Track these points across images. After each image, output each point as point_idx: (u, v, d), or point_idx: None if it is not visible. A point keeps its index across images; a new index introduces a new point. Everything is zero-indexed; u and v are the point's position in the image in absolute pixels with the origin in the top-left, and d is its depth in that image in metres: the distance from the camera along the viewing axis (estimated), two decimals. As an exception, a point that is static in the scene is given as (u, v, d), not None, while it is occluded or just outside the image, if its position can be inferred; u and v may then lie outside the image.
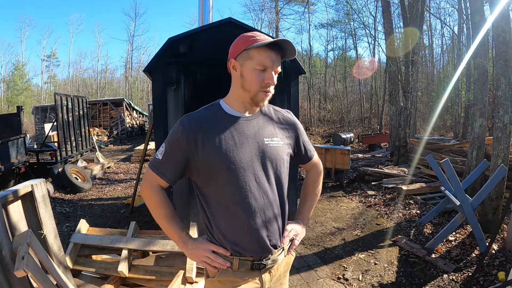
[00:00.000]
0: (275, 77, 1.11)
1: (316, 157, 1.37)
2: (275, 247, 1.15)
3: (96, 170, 7.80)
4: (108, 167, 8.78)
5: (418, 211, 4.67)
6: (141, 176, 5.55)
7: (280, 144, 1.16)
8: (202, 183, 1.13)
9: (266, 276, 1.16)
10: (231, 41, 1.13)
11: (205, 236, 1.18)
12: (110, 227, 3.81)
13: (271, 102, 1.22)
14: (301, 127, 1.29)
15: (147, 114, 19.63)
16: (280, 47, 1.08)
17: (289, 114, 1.27)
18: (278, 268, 1.21)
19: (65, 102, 7.66)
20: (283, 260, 1.21)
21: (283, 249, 1.20)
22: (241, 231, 1.10)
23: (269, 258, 1.14)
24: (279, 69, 1.12)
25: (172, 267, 2.38)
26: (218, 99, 1.21)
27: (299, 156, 1.29)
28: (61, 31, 74.51)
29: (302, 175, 6.34)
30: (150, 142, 5.97)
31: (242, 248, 1.11)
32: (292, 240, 1.24)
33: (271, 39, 1.07)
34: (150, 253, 2.57)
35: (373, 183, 6.29)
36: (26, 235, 1.69)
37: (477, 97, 4.49)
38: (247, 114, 1.15)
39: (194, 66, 3.37)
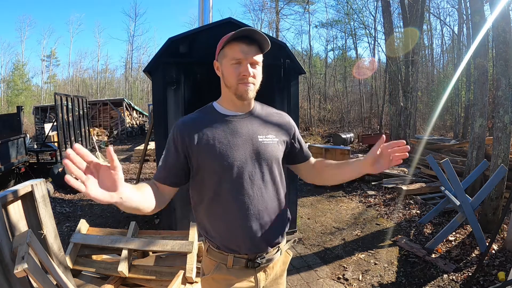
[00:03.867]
0: (255, 69, 1.09)
1: (312, 158, 1.35)
2: (271, 245, 1.15)
3: (96, 170, 7.78)
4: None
5: (418, 211, 4.67)
6: (141, 176, 5.55)
7: (274, 142, 1.16)
8: (198, 181, 1.14)
9: (261, 275, 1.16)
10: None
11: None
12: (110, 227, 3.81)
13: (272, 102, 1.22)
14: (295, 126, 1.28)
15: (147, 114, 19.62)
16: (250, 38, 1.07)
17: (283, 114, 1.27)
18: (274, 267, 1.20)
19: (65, 102, 7.65)
20: (279, 259, 1.21)
21: (279, 249, 1.19)
22: (235, 229, 1.10)
23: (264, 257, 1.14)
24: (257, 59, 1.09)
25: (172, 267, 2.38)
26: (217, 99, 1.21)
27: (295, 155, 1.27)
28: (61, 31, 74.33)
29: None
30: (150, 142, 5.97)
31: (236, 246, 1.11)
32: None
33: (238, 32, 1.05)
34: (150, 253, 2.57)
35: (373, 183, 6.29)
36: (26, 235, 1.69)
37: (477, 97, 4.49)
38: (240, 113, 1.15)
39: (194, 66, 3.37)
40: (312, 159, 1.33)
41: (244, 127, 1.13)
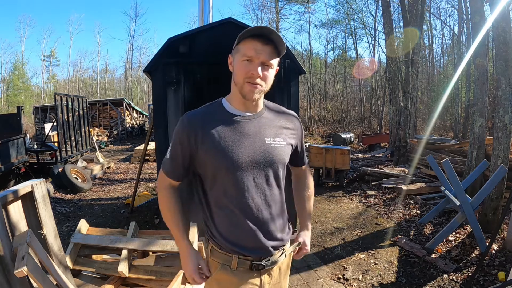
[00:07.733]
0: (266, 71, 1.05)
1: (306, 165, 1.40)
2: (275, 248, 1.14)
3: (96, 170, 7.79)
4: (108, 167, 8.77)
5: (418, 211, 4.67)
6: (141, 176, 5.54)
7: (282, 145, 1.14)
8: (203, 179, 1.14)
9: (265, 278, 1.14)
10: (231, 41, 1.12)
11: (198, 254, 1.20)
12: (110, 227, 3.81)
13: (271, 101, 1.22)
14: (302, 131, 1.28)
15: (147, 114, 19.61)
16: (266, 37, 1.03)
17: (293, 117, 1.24)
18: (278, 269, 1.19)
19: (65, 102, 7.66)
20: (283, 262, 1.20)
21: (283, 251, 1.18)
22: (240, 231, 1.09)
23: (269, 260, 1.13)
24: (272, 62, 1.05)
25: (172, 267, 2.38)
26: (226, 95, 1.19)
27: (294, 160, 1.29)
28: (61, 31, 73.98)
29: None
30: (150, 142, 5.97)
31: (240, 248, 1.10)
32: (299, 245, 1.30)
33: (254, 28, 1.02)
34: (150, 253, 2.57)
35: (373, 183, 6.29)
36: (26, 235, 1.69)
37: (477, 97, 4.49)
38: (248, 113, 1.12)
39: (194, 66, 3.37)
40: (304, 167, 1.39)
41: (251, 127, 1.10)
